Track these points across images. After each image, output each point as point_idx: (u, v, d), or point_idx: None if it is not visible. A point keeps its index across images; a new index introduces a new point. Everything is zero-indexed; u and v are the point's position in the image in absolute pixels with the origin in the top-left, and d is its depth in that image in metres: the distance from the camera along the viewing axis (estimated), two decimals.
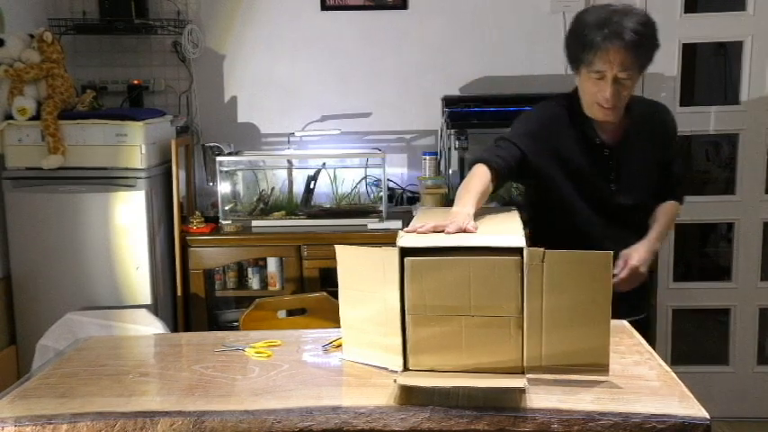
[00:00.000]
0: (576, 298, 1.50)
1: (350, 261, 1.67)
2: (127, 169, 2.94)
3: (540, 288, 1.50)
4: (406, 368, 1.57)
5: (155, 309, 2.97)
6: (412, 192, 3.46)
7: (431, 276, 1.53)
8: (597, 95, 2.01)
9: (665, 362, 1.65)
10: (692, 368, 3.45)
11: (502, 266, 1.51)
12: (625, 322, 1.89)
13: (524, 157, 2.09)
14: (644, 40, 1.96)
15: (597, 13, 1.99)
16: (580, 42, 1.99)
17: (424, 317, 1.55)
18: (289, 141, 3.42)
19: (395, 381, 1.49)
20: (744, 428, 3.45)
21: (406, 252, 1.55)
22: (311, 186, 3.35)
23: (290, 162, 3.42)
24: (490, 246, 1.54)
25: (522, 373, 1.53)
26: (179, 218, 3.09)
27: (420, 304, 1.54)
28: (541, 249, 1.50)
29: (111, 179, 2.94)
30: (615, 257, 1.86)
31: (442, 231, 1.68)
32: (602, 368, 1.53)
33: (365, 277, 1.62)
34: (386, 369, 1.60)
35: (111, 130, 2.93)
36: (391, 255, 1.55)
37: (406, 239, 1.60)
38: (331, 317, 2.49)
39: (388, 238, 3.04)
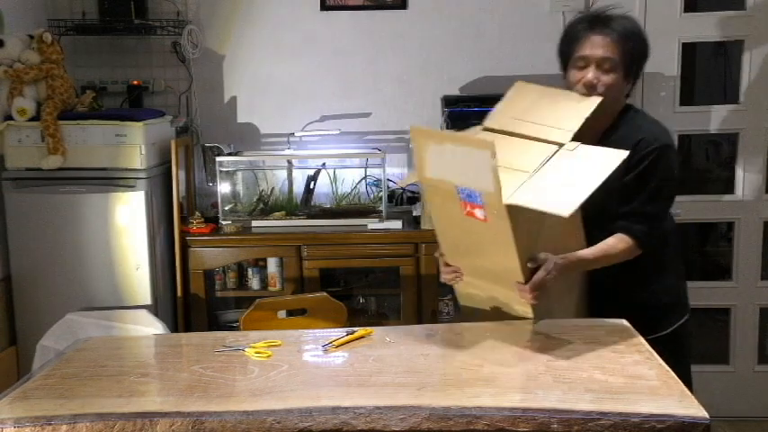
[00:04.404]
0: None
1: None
2: (127, 170, 2.94)
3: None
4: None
5: (155, 309, 2.97)
6: (412, 192, 3.45)
7: None
8: (581, 81, 2.03)
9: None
10: (693, 367, 3.44)
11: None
12: (624, 321, 1.89)
13: None
14: (628, 33, 2.02)
15: (586, 14, 2.14)
16: (567, 37, 2.10)
17: None
18: (288, 141, 3.42)
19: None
20: (744, 428, 3.44)
21: None
22: (311, 186, 3.35)
23: (289, 162, 3.42)
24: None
25: None
26: (179, 218, 3.09)
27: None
28: None
29: (110, 179, 2.94)
30: None
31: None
32: None
33: None
34: None
35: (111, 130, 2.93)
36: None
37: None
38: (331, 317, 2.50)
39: (388, 239, 3.05)
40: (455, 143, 1.78)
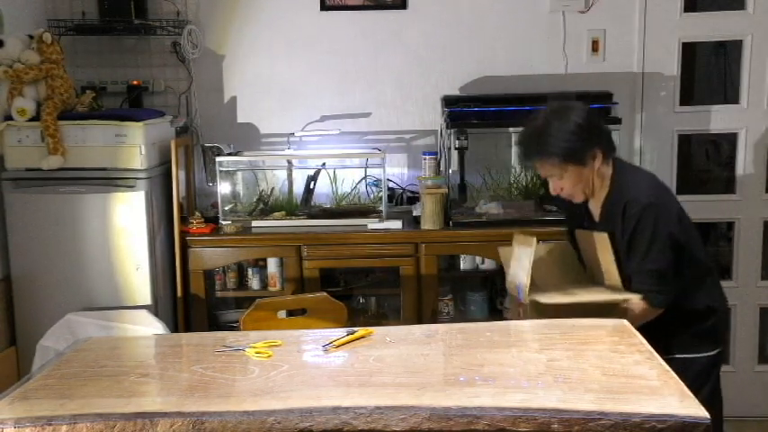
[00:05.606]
0: None
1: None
2: (126, 170, 2.94)
3: None
4: None
5: (155, 309, 2.97)
6: (412, 192, 3.45)
7: None
8: None
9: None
10: None
11: None
12: (625, 321, 1.89)
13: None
14: (544, 147, 2.15)
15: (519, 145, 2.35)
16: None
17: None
18: (288, 141, 3.42)
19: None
20: (745, 427, 3.45)
21: None
22: (311, 186, 3.34)
23: (289, 162, 3.42)
24: None
25: None
26: (179, 218, 3.08)
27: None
28: None
29: (110, 180, 2.94)
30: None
31: None
32: None
33: None
34: None
35: (111, 130, 2.93)
36: None
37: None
38: (331, 317, 2.50)
39: (387, 239, 3.05)
40: (517, 244, 2.22)
